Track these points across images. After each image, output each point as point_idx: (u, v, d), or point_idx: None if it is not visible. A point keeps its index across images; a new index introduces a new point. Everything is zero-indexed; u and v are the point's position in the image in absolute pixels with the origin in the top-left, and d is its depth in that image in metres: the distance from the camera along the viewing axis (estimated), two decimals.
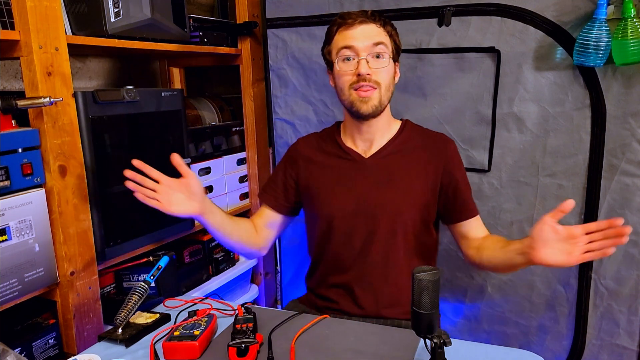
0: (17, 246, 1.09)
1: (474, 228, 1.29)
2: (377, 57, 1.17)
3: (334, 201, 1.26)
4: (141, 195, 1.07)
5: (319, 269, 1.31)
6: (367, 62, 1.16)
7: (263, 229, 1.35)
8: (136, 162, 1.09)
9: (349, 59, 1.18)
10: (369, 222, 1.22)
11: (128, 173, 1.07)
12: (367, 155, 1.26)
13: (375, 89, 1.17)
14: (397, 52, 1.25)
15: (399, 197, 1.22)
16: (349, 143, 1.29)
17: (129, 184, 1.07)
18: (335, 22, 1.22)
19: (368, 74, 1.15)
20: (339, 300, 1.26)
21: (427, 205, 1.25)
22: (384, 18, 1.22)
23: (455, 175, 1.25)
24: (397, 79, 1.27)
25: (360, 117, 1.21)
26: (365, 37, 1.17)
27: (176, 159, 1.10)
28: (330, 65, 1.25)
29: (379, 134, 1.26)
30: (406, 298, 1.23)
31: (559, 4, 1.46)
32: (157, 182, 1.09)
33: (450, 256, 1.77)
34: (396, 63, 1.25)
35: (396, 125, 1.31)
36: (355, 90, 1.17)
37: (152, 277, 1.12)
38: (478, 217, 1.30)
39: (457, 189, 1.26)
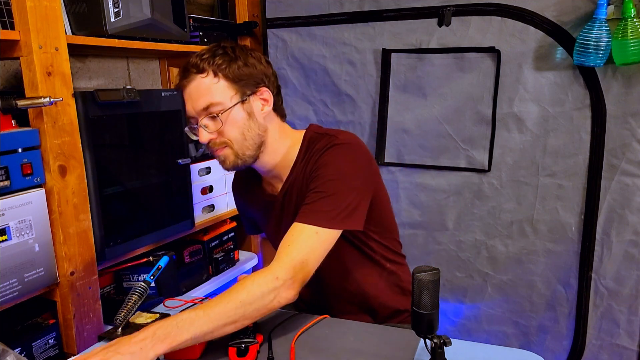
0: (17, 246, 1.08)
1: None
2: (213, 117, 1.03)
3: (270, 238, 1.25)
4: None
5: None
6: (206, 126, 1.03)
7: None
8: None
9: (194, 127, 1.07)
10: None
11: None
12: (276, 192, 1.15)
13: (227, 146, 1.05)
14: (251, 82, 1.05)
15: None
16: (264, 182, 1.20)
17: None
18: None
19: (212, 138, 1.04)
20: (313, 310, 1.21)
21: None
22: (216, 53, 1.04)
23: (314, 175, 1.05)
24: (267, 108, 1.07)
25: (231, 171, 1.13)
26: (193, 101, 1.04)
27: None
28: None
29: (279, 167, 1.12)
30: (372, 303, 1.17)
31: (559, 4, 1.46)
32: None
33: (450, 256, 1.77)
34: (258, 91, 1.06)
35: (297, 142, 1.12)
36: (212, 152, 1.09)
37: (152, 277, 1.12)
38: (299, 226, 0.99)
39: (310, 190, 1.04)
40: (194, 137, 1.08)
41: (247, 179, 1.24)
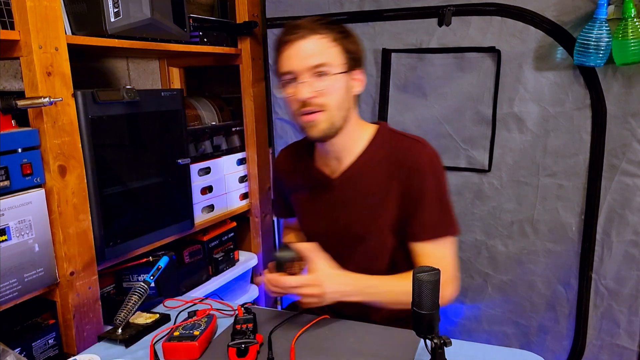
0: (17, 246, 1.08)
1: (419, 255, 1.10)
2: (321, 75, 1.05)
3: (308, 221, 1.25)
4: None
5: None
6: (309, 84, 1.04)
7: None
8: None
9: (291, 82, 1.07)
10: (339, 244, 1.15)
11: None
12: (334, 175, 1.17)
13: (322, 111, 1.06)
14: (355, 59, 1.10)
15: (366, 217, 1.13)
16: (319, 162, 1.20)
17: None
18: (278, 38, 1.10)
19: (312, 97, 1.04)
20: (328, 309, 1.23)
21: (399, 222, 1.12)
22: (331, 24, 1.08)
23: (417, 188, 1.09)
24: (359, 89, 1.12)
25: (315, 141, 1.13)
26: (303, 56, 1.05)
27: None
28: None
29: (345, 151, 1.14)
30: (386, 312, 1.15)
31: (559, 3, 1.45)
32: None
33: None
34: (356, 70, 1.11)
35: (368, 133, 1.16)
36: (302, 115, 1.07)
37: (152, 277, 1.12)
38: (431, 243, 1.09)
39: (417, 205, 1.09)
40: (283, 94, 1.10)
41: (298, 154, 1.26)
